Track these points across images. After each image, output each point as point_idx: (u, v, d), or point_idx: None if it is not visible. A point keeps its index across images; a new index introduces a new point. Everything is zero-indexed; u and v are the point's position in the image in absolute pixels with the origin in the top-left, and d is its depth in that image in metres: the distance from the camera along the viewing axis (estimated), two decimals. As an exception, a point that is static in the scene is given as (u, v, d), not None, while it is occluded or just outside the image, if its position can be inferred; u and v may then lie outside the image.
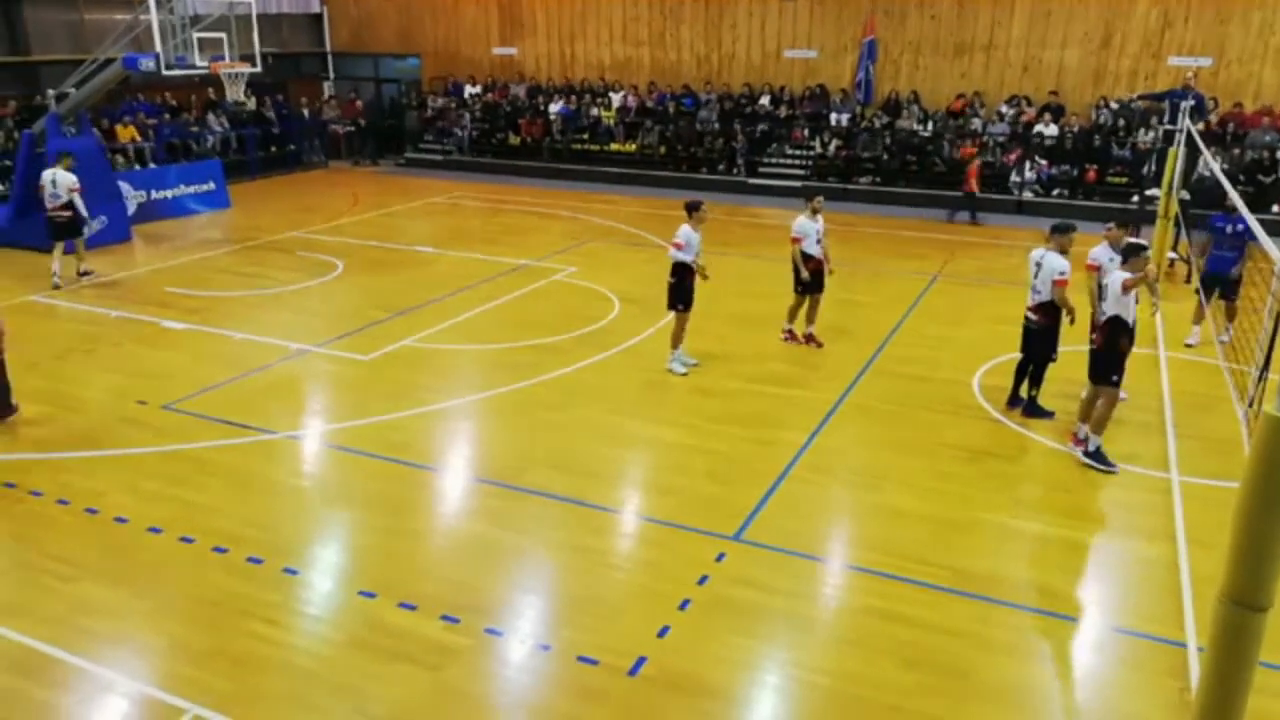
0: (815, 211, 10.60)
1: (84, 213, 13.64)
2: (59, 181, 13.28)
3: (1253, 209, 9.10)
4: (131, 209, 17.43)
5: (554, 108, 23.85)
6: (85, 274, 13.80)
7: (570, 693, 5.35)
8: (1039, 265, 8.73)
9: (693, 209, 9.96)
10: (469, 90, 25.52)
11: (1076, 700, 5.41)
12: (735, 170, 21.94)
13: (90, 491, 7.52)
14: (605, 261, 15.04)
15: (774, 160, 21.83)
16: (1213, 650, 4.05)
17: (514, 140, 24.33)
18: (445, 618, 5.96)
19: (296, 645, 5.74)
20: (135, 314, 12.12)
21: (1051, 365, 9.07)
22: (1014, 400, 9.27)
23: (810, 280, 10.70)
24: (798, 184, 20.48)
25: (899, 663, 5.60)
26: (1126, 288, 7.67)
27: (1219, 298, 11.03)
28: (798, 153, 21.68)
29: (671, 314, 10.14)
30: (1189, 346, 11.12)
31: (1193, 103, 14.60)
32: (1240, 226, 10.17)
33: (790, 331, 11.13)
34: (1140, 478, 7.95)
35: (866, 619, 6.05)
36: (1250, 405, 7.92)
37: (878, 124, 20.97)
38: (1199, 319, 11.23)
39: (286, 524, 7.17)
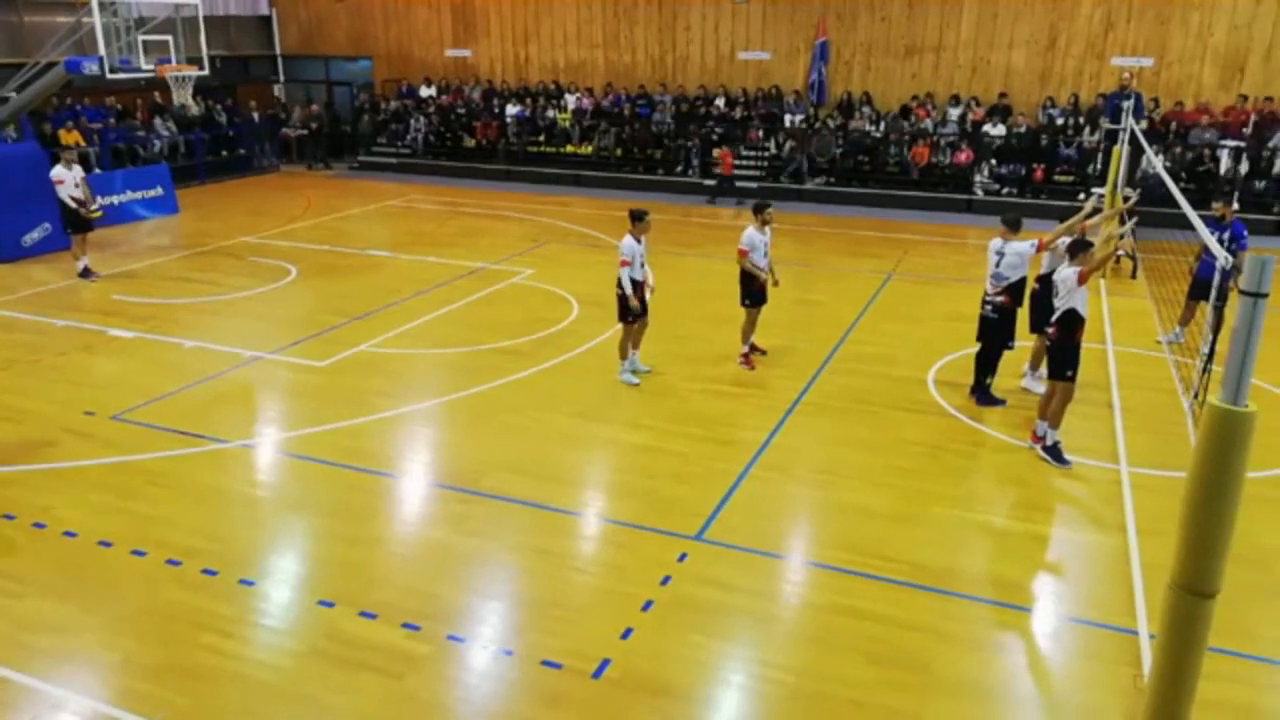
0: (765, 224, 10.08)
1: (72, 205, 13.73)
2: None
3: (1194, 207, 9.31)
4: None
5: (510, 110, 23.72)
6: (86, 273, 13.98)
7: (534, 697, 5.33)
8: (1000, 255, 8.93)
9: (636, 218, 9.55)
10: (424, 92, 25.32)
11: (1034, 689, 5.50)
12: (690, 171, 22.01)
13: (37, 506, 7.32)
14: (563, 264, 15.00)
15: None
16: (1164, 636, 4.14)
17: (469, 143, 24.18)
18: (406, 625, 5.90)
19: (253, 658, 5.64)
20: (81, 322, 11.83)
21: (1007, 354, 9.32)
22: (978, 390, 9.44)
23: (758, 293, 10.24)
24: (753, 184, 20.62)
25: (861, 658, 5.65)
26: (1083, 278, 7.82)
27: (1199, 299, 10.69)
28: (752, 153, 21.81)
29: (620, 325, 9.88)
30: (1158, 343, 11.12)
31: (1131, 102, 14.94)
32: (1225, 234, 10.03)
33: (748, 353, 10.48)
34: (1091, 470, 8.11)
35: (828, 615, 6.10)
36: (1195, 397, 8.12)
37: (831, 124, 21.18)
38: (1185, 321, 11.03)
39: (242, 535, 7.05)
